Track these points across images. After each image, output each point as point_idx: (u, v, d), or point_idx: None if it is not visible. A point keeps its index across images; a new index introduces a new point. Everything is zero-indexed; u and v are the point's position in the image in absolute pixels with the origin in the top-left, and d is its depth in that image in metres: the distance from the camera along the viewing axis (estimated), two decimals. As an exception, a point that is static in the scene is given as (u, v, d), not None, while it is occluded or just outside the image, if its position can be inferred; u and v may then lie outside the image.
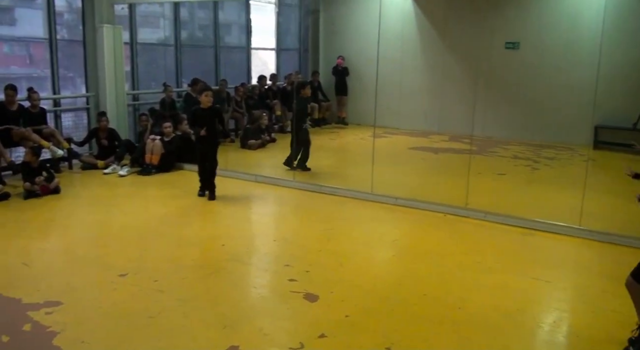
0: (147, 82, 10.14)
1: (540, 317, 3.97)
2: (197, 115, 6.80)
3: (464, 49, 11.25)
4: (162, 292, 4.17)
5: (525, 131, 10.65)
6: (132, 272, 4.51)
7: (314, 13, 13.35)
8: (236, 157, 9.30)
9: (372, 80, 8.58)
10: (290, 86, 11.90)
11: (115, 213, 6.26)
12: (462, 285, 4.42)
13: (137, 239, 5.45)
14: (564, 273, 4.83)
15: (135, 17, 9.65)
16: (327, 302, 4.03)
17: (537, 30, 10.65)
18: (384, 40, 8.36)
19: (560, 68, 10.31)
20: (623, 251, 5.22)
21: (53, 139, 7.84)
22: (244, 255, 5.00)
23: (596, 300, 4.20)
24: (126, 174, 7.94)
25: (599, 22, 6.98)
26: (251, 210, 6.86)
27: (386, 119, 11.56)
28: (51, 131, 7.92)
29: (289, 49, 13.31)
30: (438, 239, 5.61)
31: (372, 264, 4.97)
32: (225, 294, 4.16)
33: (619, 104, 9.54)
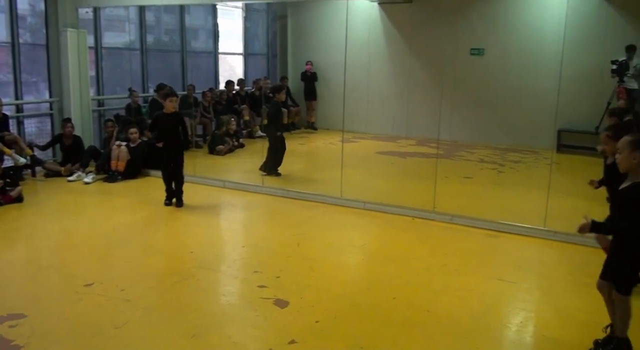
0: (112, 87, 9.99)
1: (507, 318, 4.05)
2: (159, 121, 6.63)
3: (430, 55, 11.41)
4: (129, 301, 4.10)
5: (490, 135, 10.85)
6: (97, 281, 4.43)
7: (282, 19, 13.36)
8: (204, 162, 9.23)
9: (341, 86, 8.65)
10: (258, 91, 11.89)
11: (80, 221, 6.14)
12: (430, 288, 4.47)
13: (103, 248, 5.35)
14: (530, 274, 4.93)
15: (100, 21, 9.50)
16: (297, 308, 4.03)
17: (502, 37, 10.88)
18: (351, 46, 8.43)
19: (524, 74, 10.54)
20: (586, 251, 5.35)
21: (16, 146, 7.64)
22: (212, 262, 4.96)
23: (561, 300, 4.31)
24: (91, 181, 7.79)
25: (560, 30, 7.16)
26: (220, 217, 6.81)
27: (355, 123, 11.64)
28: (14, 138, 7.72)
29: (256, 54, 13.29)
30: (406, 242, 5.67)
31: (341, 268, 4.98)
32: (193, 302, 4.11)
33: (581, 109, 9.80)
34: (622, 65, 9.11)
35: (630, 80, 9.20)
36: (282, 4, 12.69)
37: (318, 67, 12.66)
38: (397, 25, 12.02)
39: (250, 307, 4.08)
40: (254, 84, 12.13)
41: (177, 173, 6.63)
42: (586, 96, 9.88)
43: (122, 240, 5.54)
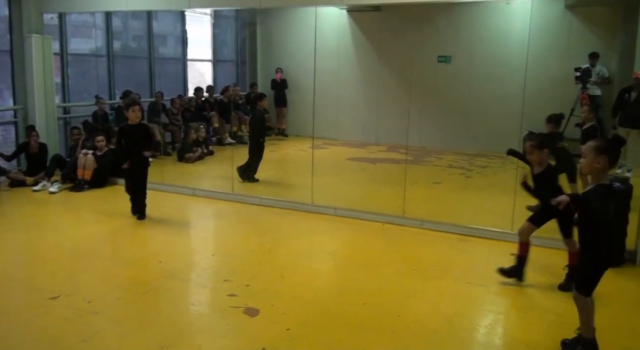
0: (78, 94, 9.81)
1: (476, 321, 4.10)
2: (124, 134, 6.22)
3: (398, 62, 11.54)
4: (97, 313, 4.02)
5: (458, 141, 11.00)
6: (64, 294, 4.33)
7: (251, 25, 13.34)
8: (173, 170, 9.13)
9: (311, 92, 8.67)
10: (227, 98, 11.83)
11: (45, 232, 6.00)
12: (401, 292, 4.50)
13: (69, 259, 5.24)
14: (498, 277, 4.99)
15: (65, 27, 9.34)
16: (268, 316, 4.01)
17: (468, 44, 11.07)
18: (321, 53, 8.48)
19: (490, 81, 10.73)
20: (553, 253, 5.46)
21: (-23, 155, 7.46)
22: (181, 271, 4.90)
23: (529, 301, 4.40)
24: (57, 191, 7.63)
25: (525, 38, 7.33)
26: (189, 225, 6.74)
27: (325, 130, 11.67)
28: (-25, 147, 7.53)
29: (225, 61, 13.23)
30: (377, 248, 5.69)
31: (312, 275, 4.98)
32: (162, 313, 4.06)
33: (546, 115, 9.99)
34: (585, 73, 9.35)
35: (593, 87, 9.45)
36: (251, 11, 12.66)
37: (288, 73, 12.67)
38: (366, 33, 12.13)
39: (220, 316, 4.05)
40: (223, 91, 12.04)
41: (140, 185, 6.32)
42: (551, 102, 10.08)
43: (89, 251, 5.43)
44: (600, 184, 3.28)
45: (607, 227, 3.34)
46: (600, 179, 3.29)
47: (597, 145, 3.28)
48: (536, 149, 4.37)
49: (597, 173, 3.29)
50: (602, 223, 3.30)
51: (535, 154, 4.39)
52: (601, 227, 3.30)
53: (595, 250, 3.34)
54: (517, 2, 9.63)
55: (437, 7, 10.11)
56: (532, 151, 4.40)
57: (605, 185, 3.28)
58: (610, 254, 3.42)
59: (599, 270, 3.36)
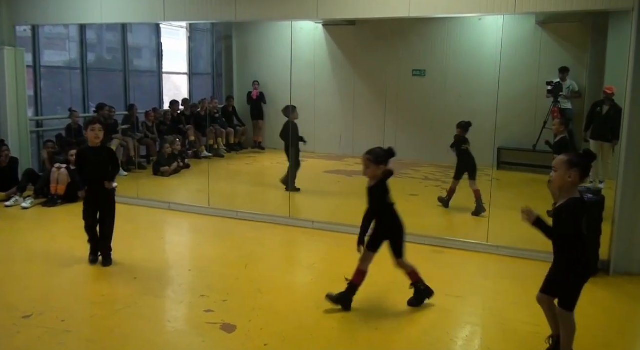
0: (52, 107, 9.68)
1: (453, 332, 4.12)
2: (84, 158, 5.20)
3: (374, 75, 11.65)
4: (70, 332, 3.94)
5: (434, 153, 11.09)
6: (36, 312, 4.23)
7: (227, 39, 13.34)
8: (148, 184, 9.03)
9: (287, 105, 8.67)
10: (203, 111, 11.78)
11: (17, 249, 5.88)
12: (379, 305, 4.51)
13: (42, 276, 5.12)
14: (475, 288, 5.04)
15: (39, 39, 9.22)
16: (245, 332, 3.97)
17: (442, 59, 11.23)
18: (297, 66, 8.51)
19: (464, 94, 10.88)
20: (528, 264, 5.55)
21: (-55, 170, 7.28)
22: (157, 287, 4.83)
23: (505, 312, 4.43)
24: (30, 206, 7.48)
25: (497, 53, 7.48)
26: (164, 240, 6.66)
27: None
28: (-57, 161, 7.36)
29: (201, 74, 13.19)
30: (354, 260, 5.64)
31: (290, 289, 4.96)
32: (137, 331, 3.99)
33: (519, 128, 10.20)
34: (556, 87, 9.57)
35: (564, 101, 9.67)
36: (227, 24, 12.68)
37: (264, 86, 12.67)
38: (341, 47, 12.22)
39: (196, 333, 3.99)
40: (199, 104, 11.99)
41: (104, 223, 5.30)
42: (524, 116, 10.30)
43: (62, 268, 5.31)
44: (572, 198, 3.30)
45: (582, 241, 3.34)
46: (571, 193, 3.31)
47: (568, 159, 3.30)
48: (372, 163, 4.27)
49: (568, 187, 3.31)
50: (577, 237, 3.31)
51: (371, 169, 4.28)
52: (576, 242, 3.31)
53: (573, 265, 3.35)
54: (489, 18, 9.80)
55: (411, 21, 10.24)
56: (368, 165, 4.28)
57: (577, 199, 3.30)
58: (588, 266, 3.46)
59: (579, 285, 3.37)
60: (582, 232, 3.33)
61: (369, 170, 4.29)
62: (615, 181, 5.50)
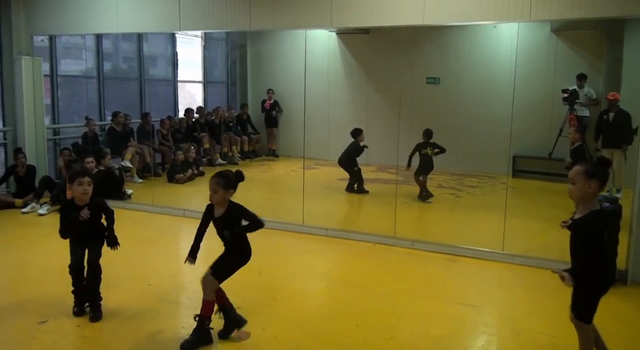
0: (68, 116, 9.80)
1: (468, 342, 4.08)
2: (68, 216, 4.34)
3: (388, 83, 11.64)
4: (85, 338, 3.97)
5: (448, 161, 11.00)
6: (52, 318, 4.27)
7: (241, 47, 13.44)
8: (163, 191, 9.09)
9: (301, 113, 8.70)
10: (218, 119, 11.86)
11: (34, 255, 5.93)
12: (393, 313, 4.48)
13: (57, 282, 5.15)
14: (490, 297, 4.99)
15: (56, 49, 9.36)
16: (259, 339, 3.97)
17: (456, 66, 11.20)
18: (311, 75, 8.54)
19: (479, 102, 10.84)
20: (544, 273, 5.46)
21: (-35, 177, 7.39)
22: (171, 294, 4.85)
23: (521, 322, 4.37)
24: (46, 213, 7.56)
25: (512, 60, 7.45)
26: (179, 247, 6.68)
27: (315, 151, 11.66)
28: (-38, 169, 7.47)
29: (216, 82, 13.29)
30: (368, 268, 5.68)
31: (304, 296, 4.95)
32: (151, 337, 4.00)
33: (535, 135, 10.13)
34: (573, 94, 9.49)
35: (581, 108, 9.58)
36: (242, 33, 12.78)
37: (278, 94, 12.73)
38: (355, 55, 12.25)
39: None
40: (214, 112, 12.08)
41: (91, 264, 4.39)
42: (539, 123, 10.23)
43: (77, 273, 5.36)
44: (593, 211, 3.19)
45: (602, 253, 3.19)
46: (591, 205, 3.20)
47: (586, 170, 3.18)
48: (221, 188, 3.91)
49: (588, 198, 3.19)
50: (599, 249, 3.17)
51: (219, 194, 3.92)
52: (596, 255, 3.17)
53: (592, 277, 3.23)
54: (504, 26, 9.78)
55: (425, 29, 10.24)
56: (217, 189, 3.90)
57: (598, 211, 3.19)
58: (607, 278, 3.35)
59: (596, 297, 3.30)
60: (603, 244, 3.19)
61: (217, 196, 3.92)
62: (632, 189, 5.43)
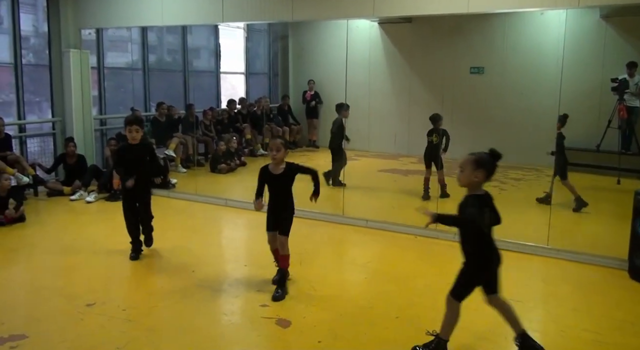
0: (115, 107, 10.04)
1: (512, 337, 4.00)
2: (122, 154, 5.47)
3: (430, 73, 11.48)
4: (131, 321, 4.08)
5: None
6: (99, 301, 4.40)
7: (283, 38, 13.48)
8: (206, 181, 9.24)
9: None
10: (260, 110, 11.96)
11: (81, 240, 6.13)
12: (434, 307, 4.43)
13: (104, 267, 5.33)
14: (533, 292, 4.89)
15: (102, 42, 9.59)
16: (299, 328, 4.00)
17: (501, 55, 10.95)
18: (352, 65, 8.49)
19: (524, 92, 10.58)
20: (590, 269, 5.34)
21: (18, 166, 7.68)
22: (214, 281, 4.93)
23: (566, 319, 4.27)
24: (93, 200, 7.80)
25: (559, 48, 7.23)
26: (221, 235, 6.80)
27: (356, 142, 11.62)
28: (16, 157, 7.75)
29: (258, 73, 13.38)
30: (409, 260, 5.64)
31: (344, 287, 4.95)
32: (195, 322, 4.08)
33: (582, 127, 9.81)
34: (623, 83, 9.14)
35: (631, 98, 9.23)
36: (284, 24, 12.81)
37: (319, 85, 12.73)
38: (397, 45, 12.12)
39: (252, 327, 4.05)
40: (256, 103, 12.19)
41: (143, 215, 5.54)
42: (587, 114, 9.90)
43: (123, 259, 5.52)
44: (469, 195, 3.41)
45: (482, 237, 3.42)
46: (472, 191, 3.42)
47: (475, 159, 3.43)
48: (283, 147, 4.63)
49: (474, 186, 3.41)
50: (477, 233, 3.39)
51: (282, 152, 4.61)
52: (477, 237, 3.40)
53: (473, 257, 3.46)
54: (551, 13, 9.48)
55: (470, 17, 10.03)
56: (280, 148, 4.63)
57: (476, 195, 3.41)
58: (487, 258, 3.53)
59: (474, 279, 3.52)
60: (482, 228, 3.40)
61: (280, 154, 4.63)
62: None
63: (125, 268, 5.32)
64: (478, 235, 3.42)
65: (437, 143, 7.91)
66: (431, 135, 8.00)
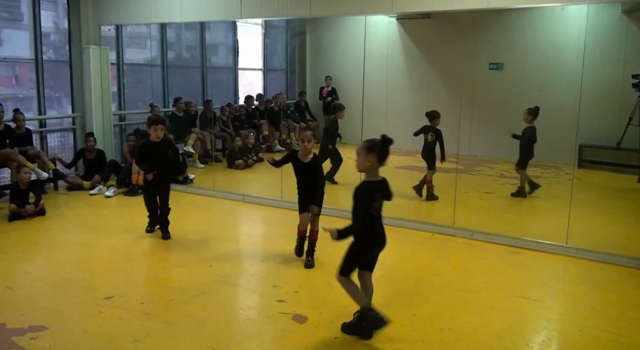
0: (134, 103, 10.14)
1: (529, 337, 3.97)
2: (145, 151, 5.88)
3: (449, 69, 11.40)
4: (149, 314, 4.12)
5: (510, 150, 10.67)
6: (118, 294, 4.45)
7: (300, 35, 13.48)
8: (223, 176, 9.29)
9: (359, 101, 8.66)
10: (277, 106, 11.98)
11: (101, 234, 6.20)
12: (451, 305, 4.42)
13: (123, 261, 5.39)
14: (552, 291, 4.84)
15: (122, 38, 9.68)
16: (316, 323, 4.00)
17: (521, 51, 10.83)
18: (370, 61, 8.47)
19: (544, 88, 10.45)
20: (610, 268, 5.27)
21: (38, 160, 7.79)
22: (231, 276, 4.96)
23: (585, 319, 4.21)
24: (112, 195, 7.88)
25: (580, 44, 7.13)
26: (238, 231, 6.82)
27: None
28: (37, 152, 7.86)
29: (275, 70, 13.40)
30: (426, 258, 5.61)
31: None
32: (212, 317, 4.11)
33: (602, 124, 9.70)
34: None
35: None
36: (301, 20, 12.80)
37: (337, 81, 12.70)
38: (415, 41, 12.05)
39: (268, 322, 4.07)
40: (273, 99, 12.21)
41: (162, 202, 6.05)
42: (607, 111, 9.78)
43: (142, 253, 5.58)
44: (363, 182, 3.67)
45: (371, 219, 3.67)
46: (372, 176, 3.68)
47: (367, 145, 3.65)
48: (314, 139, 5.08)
49: (368, 170, 3.68)
50: (364, 214, 3.64)
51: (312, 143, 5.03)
52: (363, 219, 3.65)
53: (360, 238, 3.71)
54: (572, 8, 9.37)
55: (489, 13, 9.93)
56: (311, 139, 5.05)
57: (368, 181, 3.66)
58: (373, 241, 3.76)
59: (359, 257, 3.76)
60: (369, 212, 3.65)
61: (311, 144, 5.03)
62: None
63: (144, 262, 5.38)
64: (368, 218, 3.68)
65: (432, 142, 7.78)
66: (427, 133, 7.82)
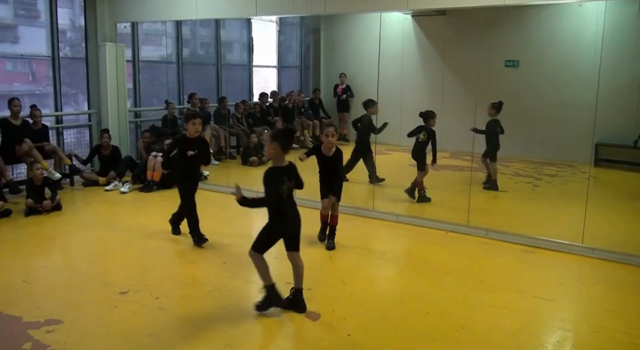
0: (149, 99, 10.20)
1: (543, 337, 3.94)
2: (179, 145, 5.72)
3: (464, 66, 11.31)
4: (163, 309, 4.15)
5: (526, 148, 10.65)
6: (132, 289, 4.49)
7: (315, 32, 13.46)
8: (237, 173, 9.32)
9: (373, 98, 8.63)
10: (291, 104, 11.99)
11: (116, 230, 6.25)
12: (465, 303, 4.40)
13: (138, 256, 5.43)
14: (567, 291, 4.80)
15: (137, 35, 9.74)
16: (329, 321, 4.01)
17: (537, 48, 10.71)
18: (384, 58, 8.42)
19: (560, 86, 10.34)
20: (626, 269, 5.21)
21: (55, 156, 7.87)
22: (245, 272, 4.98)
23: (599, 319, 4.17)
24: (127, 191, 7.95)
25: (598, 41, 7.04)
26: (252, 228, 6.84)
27: (387, 136, 11.52)
28: (53, 148, 7.95)
29: (290, 67, 13.40)
30: (440, 256, 5.59)
31: (373, 281, 4.95)
32: (226, 312, 4.13)
33: (619, 122, 9.57)
34: (663, 77, 8.89)
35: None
36: (316, 17, 12.78)
37: (351, 79, 12.67)
38: (430, 38, 11.98)
39: (282, 318, 4.08)
40: (287, 96, 12.22)
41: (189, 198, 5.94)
42: (624, 109, 9.65)
43: (156, 249, 5.62)
44: (272, 167, 4.03)
45: (277, 201, 4.00)
46: (277, 162, 4.04)
47: (271, 134, 4.04)
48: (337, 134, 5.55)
49: (275, 157, 4.03)
50: (269, 195, 3.97)
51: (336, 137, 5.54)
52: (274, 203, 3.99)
53: (269, 217, 4.08)
54: (589, 4, 9.25)
55: (505, 10, 9.86)
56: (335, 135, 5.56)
57: (274, 167, 4.03)
58: (281, 220, 4.09)
59: (271, 235, 4.12)
60: (277, 194, 3.98)
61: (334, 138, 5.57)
62: None
63: (158, 257, 5.41)
64: (278, 199, 4.00)
65: (423, 142, 7.66)
66: (420, 132, 7.73)
